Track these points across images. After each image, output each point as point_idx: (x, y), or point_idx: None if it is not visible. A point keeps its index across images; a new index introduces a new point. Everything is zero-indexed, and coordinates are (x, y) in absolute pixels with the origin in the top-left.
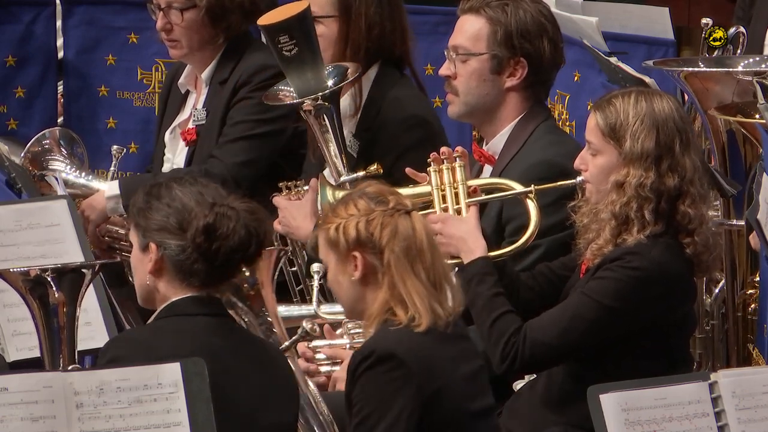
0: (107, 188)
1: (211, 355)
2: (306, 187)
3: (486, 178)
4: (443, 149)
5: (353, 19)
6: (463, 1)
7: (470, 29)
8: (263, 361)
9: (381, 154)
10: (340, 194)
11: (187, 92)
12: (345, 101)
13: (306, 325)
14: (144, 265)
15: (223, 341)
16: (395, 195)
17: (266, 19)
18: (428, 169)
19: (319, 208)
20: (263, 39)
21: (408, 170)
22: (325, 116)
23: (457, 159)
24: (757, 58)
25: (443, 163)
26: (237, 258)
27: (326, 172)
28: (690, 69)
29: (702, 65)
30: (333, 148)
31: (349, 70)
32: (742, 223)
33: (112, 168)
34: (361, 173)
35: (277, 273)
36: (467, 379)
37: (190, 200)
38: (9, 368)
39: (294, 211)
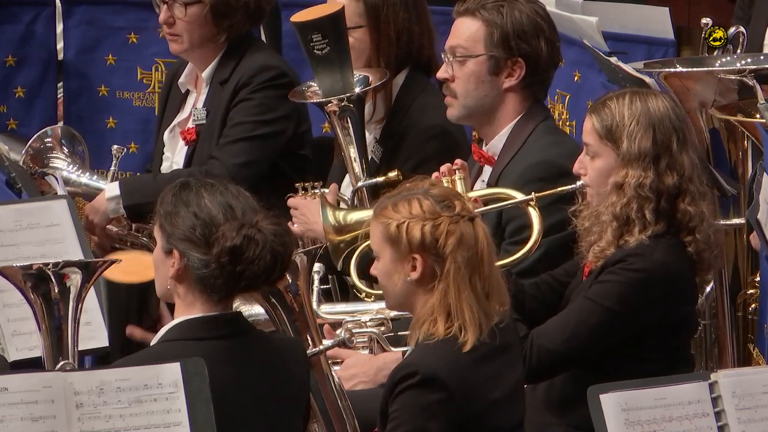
0: (107, 189)
1: (214, 391)
2: (323, 189)
3: (486, 189)
4: (442, 168)
5: (383, 28)
6: (458, 3)
7: (467, 31)
8: (274, 381)
9: (402, 161)
10: (340, 215)
11: (187, 92)
12: (374, 106)
13: (344, 333)
14: (166, 267)
15: (230, 368)
16: (460, 200)
17: (300, 17)
18: None
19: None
20: (297, 36)
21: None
22: (348, 119)
23: (457, 172)
24: (728, 58)
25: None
26: (259, 282)
27: (345, 180)
28: (668, 70)
29: (678, 66)
30: (353, 151)
31: (371, 78)
32: (731, 222)
33: (112, 168)
34: (380, 179)
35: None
36: (503, 399)
37: (218, 213)
38: (9, 368)
39: (313, 208)
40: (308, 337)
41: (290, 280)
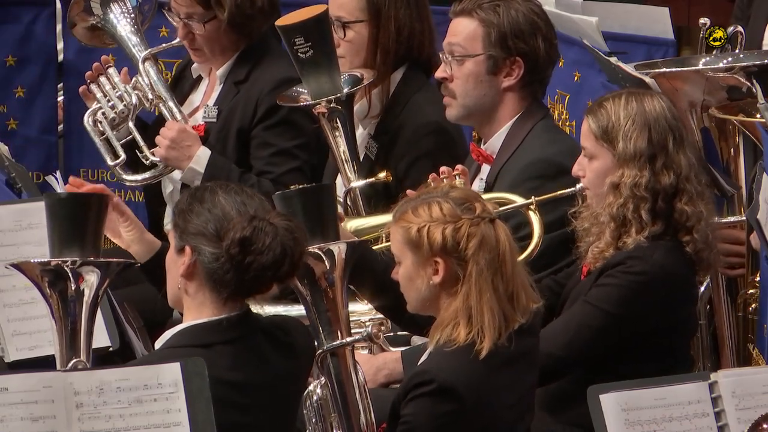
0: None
1: (221, 398)
2: None
3: (486, 193)
4: (443, 168)
5: (383, 23)
6: (454, 3)
7: (464, 31)
8: (281, 381)
9: (396, 158)
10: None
11: (197, 81)
12: (369, 102)
13: (371, 328)
14: (177, 266)
15: (235, 373)
16: (480, 201)
17: (284, 21)
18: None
19: None
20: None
21: (408, 192)
22: (338, 120)
23: (457, 177)
24: (710, 57)
25: (443, 181)
26: (268, 275)
27: (338, 181)
28: (658, 70)
29: (662, 66)
30: (344, 152)
31: (364, 77)
32: (726, 220)
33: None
34: (371, 179)
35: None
36: (514, 406)
37: (231, 209)
38: (8, 368)
39: None
40: (337, 330)
41: (327, 267)
